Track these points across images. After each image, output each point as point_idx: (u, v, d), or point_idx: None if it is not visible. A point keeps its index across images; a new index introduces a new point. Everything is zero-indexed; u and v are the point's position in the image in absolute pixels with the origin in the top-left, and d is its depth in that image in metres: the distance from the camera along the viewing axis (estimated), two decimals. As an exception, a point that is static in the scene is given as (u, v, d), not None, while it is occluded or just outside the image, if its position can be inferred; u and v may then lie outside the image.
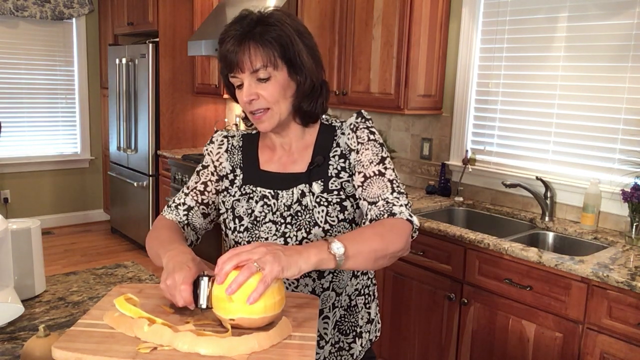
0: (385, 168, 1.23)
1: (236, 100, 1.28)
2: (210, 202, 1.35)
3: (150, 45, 4.41)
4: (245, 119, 1.33)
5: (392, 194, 1.20)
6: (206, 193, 1.34)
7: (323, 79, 1.27)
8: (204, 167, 1.37)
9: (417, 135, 3.23)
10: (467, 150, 2.96)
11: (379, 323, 1.41)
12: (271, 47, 1.16)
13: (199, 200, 1.33)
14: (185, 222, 1.32)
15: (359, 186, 1.23)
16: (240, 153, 1.35)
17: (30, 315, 1.35)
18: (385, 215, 1.16)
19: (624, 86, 2.35)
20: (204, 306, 1.02)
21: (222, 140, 1.38)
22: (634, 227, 2.19)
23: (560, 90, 2.57)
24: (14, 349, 1.17)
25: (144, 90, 4.52)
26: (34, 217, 4.94)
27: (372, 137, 1.26)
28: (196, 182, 1.35)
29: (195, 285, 1.02)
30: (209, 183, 1.34)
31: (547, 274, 2.02)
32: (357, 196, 1.24)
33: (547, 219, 2.53)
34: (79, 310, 1.39)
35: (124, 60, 4.72)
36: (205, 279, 1.02)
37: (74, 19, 5.26)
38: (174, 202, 1.35)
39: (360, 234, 1.09)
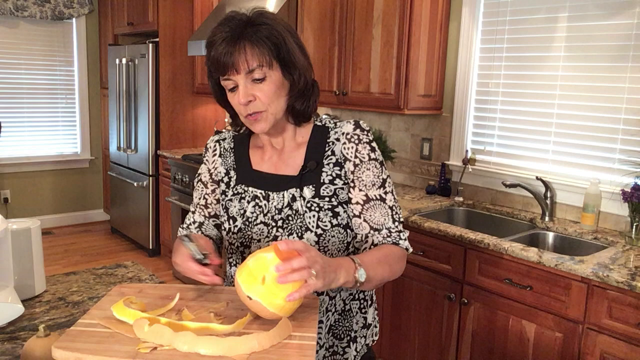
0: (386, 192, 1.25)
1: (223, 106, 1.28)
2: (217, 212, 1.37)
3: (150, 45, 4.41)
4: (233, 123, 1.33)
5: (393, 222, 1.25)
6: (209, 206, 1.37)
7: (313, 78, 1.27)
8: (200, 180, 1.39)
9: (417, 135, 3.23)
10: (467, 150, 2.96)
11: (376, 327, 1.40)
12: (265, 46, 1.15)
13: (206, 214, 1.38)
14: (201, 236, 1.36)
15: (358, 203, 1.24)
16: (232, 155, 1.35)
17: (30, 315, 1.35)
18: (391, 243, 1.24)
19: (624, 86, 2.35)
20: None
21: (214, 147, 1.38)
22: (634, 227, 2.19)
23: (560, 90, 2.57)
24: (14, 349, 1.17)
25: (144, 90, 4.52)
26: (34, 217, 4.94)
27: (372, 155, 1.25)
28: (198, 198, 1.39)
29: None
30: (207, 196, 1.37)
31: (547, 274, 2.02)
32: (354, 212, 1.25)
33: (547, 219, 2.53)
34: (79, 310, 1.39)
35: (124, 60, 4.72)
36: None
37: (74, 19, 5.26)
38: (185, 223, 1.40)
39: (378, 261, 1.16)
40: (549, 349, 2.04)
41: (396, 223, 1.25)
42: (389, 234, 1.24)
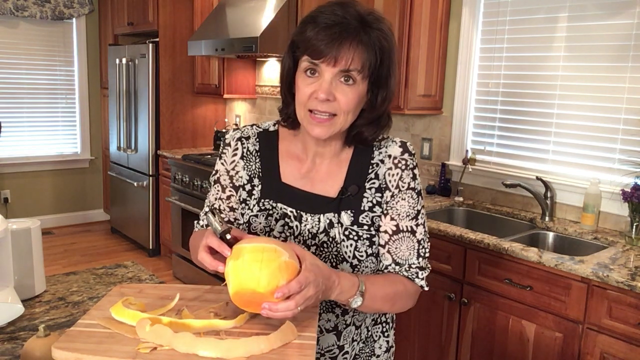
0: (417, 225, 1.17)
1: (284, 87, 1.14)
2: (232, 219, 1.25)
3: (150, 45, 4.41)
4: (284, 111, 1.17)
5: (417, 258, 1.17)
6: (223, 213, 1.25)
7: (390, 109, 1.15)
8: (218, 182, 1.24)
9: (417, 135, 3.23)
10: (467, 150, 2.96)
11: (393, 347, 1.34)
12: (373, 53, 1.04)
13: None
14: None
15: (387, 233, 1.16)
16: (258, 160, 1.20)
17: (30, 315, 1.35)
18: (406, 277, 1.18)
19: (624, 86, 2.35)
20: (220, 230, 0.97)
21: (235, 145, 1.21)
22: (634, 227, 2.19)
23: (560, 90, 2.57)
24: (14, 349, 1.17)
25: (144, 90, 4.52)
26: (34, 217, 4.94)
27: (412, 184, 1.16)
28: (215, 198, 1.25)
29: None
30: (221, 201, 1.23)
31: (547, 274, 2.02)
32: (380, 241, 1.17)
33: (547, 219, 2.53)
34: (79, 310, 1.39)
35: (124, 60, 4.73)
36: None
37: (74, 19, 5.26)
38: (200, 223, 1.29)
39: (383, 297, 1.11)
40: (549, 349, 2.04)
41: (420, 259, 1.17)
42: (408, 269, 1.17)
